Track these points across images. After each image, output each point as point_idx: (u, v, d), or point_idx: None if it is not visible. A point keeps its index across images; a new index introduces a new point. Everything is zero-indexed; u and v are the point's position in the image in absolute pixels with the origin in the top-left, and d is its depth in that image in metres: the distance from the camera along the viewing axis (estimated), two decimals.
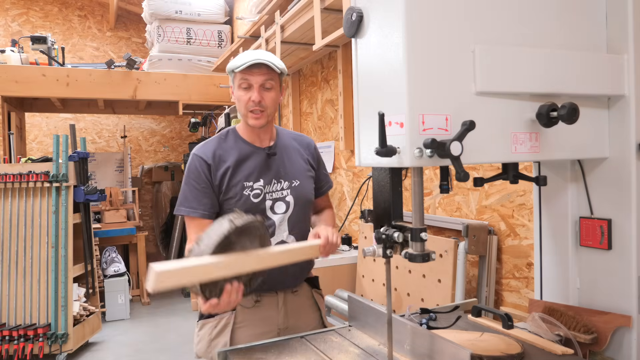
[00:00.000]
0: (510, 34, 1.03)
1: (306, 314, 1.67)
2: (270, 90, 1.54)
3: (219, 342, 1.56)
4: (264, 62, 1.49)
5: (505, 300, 1.95)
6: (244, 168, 1.57)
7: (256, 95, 1.51)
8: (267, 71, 1.51)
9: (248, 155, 1.59)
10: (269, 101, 1.53)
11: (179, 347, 3.97)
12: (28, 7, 6.65)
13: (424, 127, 0.92)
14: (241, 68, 1.49)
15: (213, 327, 1.59)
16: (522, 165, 1.73)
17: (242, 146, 1.60)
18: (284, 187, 1.60)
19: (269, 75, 1.52)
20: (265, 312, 1.59)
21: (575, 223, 1.27)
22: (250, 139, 1.61)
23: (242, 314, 1.58)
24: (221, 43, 5.56)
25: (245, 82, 1.52)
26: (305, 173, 1.66)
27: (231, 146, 1.59)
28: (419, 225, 0.99)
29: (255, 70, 1.50)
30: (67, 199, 3.72)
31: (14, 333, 3.43)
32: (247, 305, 1.58)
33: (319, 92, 3.59)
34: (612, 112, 1.18)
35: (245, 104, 1.53)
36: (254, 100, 1.51)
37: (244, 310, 1.58)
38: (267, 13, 3.39)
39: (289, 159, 1.64)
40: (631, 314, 1.14)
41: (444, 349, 1.04)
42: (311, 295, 1.72)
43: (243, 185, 1.55)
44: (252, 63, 1.49)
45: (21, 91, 4.65)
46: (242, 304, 1.57)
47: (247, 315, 1.58)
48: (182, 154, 7.08)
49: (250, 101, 1.52)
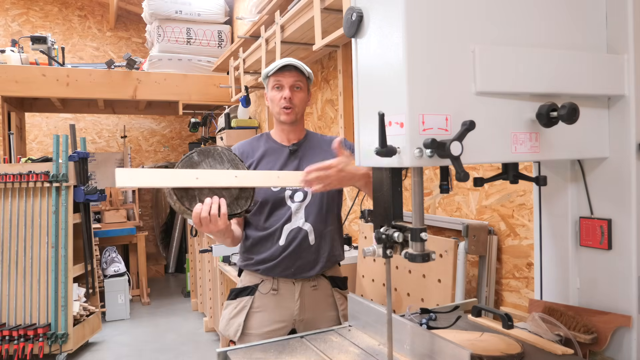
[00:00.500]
0: (511, 34, 1.03)
1: (323, 311, 1.76)
2: (300, 91, 1.74)
3: (235, 322, 1.73)
4: (294, 64, 1.71)
5: (505, 300, 1.95)
6: (267, 161, 1.75)
7: (287, 92, 1.70)
8: (297, 73, 1.72)
9: (272, 151, 1.78)
10: (298, 100, 1.73)
11: (179, 347, 3.97)
12: (28, 7, 6.65)
13: (424, 127, 0.92)
14: (274, 70, 1.71)
15: (233, 308, 1.75)
16: (522, 165, 1.73)
17: (270, 144, 1.80)
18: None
19: (299, 77, 1.73)
20: (282, 301, 1.72)
21: (575, 223, 1.27)
22: (279, 139, 1.81)
23: (259, 299, 1.73)
24: (221, 43, 5.56)
25: (278, 82, 1.72)
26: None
27: (260, 145, 1.80)
28: (419, 225, 0.99)
29: (286, 72, 1.71)
30: (67, 199, 3.72)
31: (14, 333, 3.43)
32: (265, 292, 1.73)
33: (319, 92, 3.59)
34: (612, 112, 1.18)
35: (278, 102, 1.72)
36: (285, 97, 1.70)
37: (262, 296, 1.73)
38: (267, 13, 3.39)
39: (312, 155, 1.77)
40: (631, 314, 1.14)
41: (444, 349, 1.04)
42: (331, 293, 1.80)
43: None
44: (284, 64, 1.70)
45: (21, 91, 4.65)
46: (260, 290, 1.72)
47: (265, 301, 1.72)
48: (182, 154, 7.06)
49: (282, 99, 1.71)
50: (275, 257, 1.71)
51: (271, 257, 1.71)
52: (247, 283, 1.77)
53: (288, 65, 1.70)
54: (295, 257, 1.71)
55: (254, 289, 1.75)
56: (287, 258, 1.71)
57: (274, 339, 1.37)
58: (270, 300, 1.72)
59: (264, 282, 1.74)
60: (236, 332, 1.71)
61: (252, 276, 1.78)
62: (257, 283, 1.75)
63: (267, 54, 3.33)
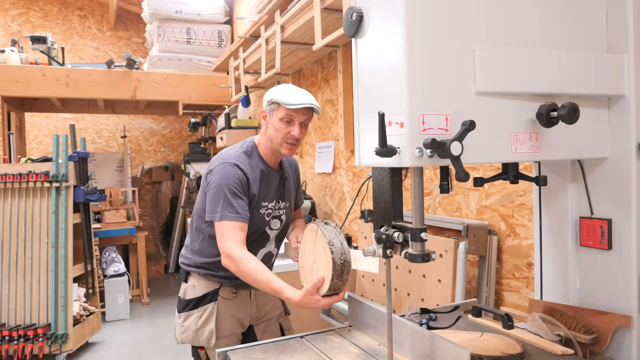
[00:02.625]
0: (511, 34, 1.03)
1: (272, 303, 1.91)
2: (306, 128, 1.71)
3: (205, 330, 1.75)
4: (313, 107, 1.66)
5: (505, 300, 1.95)
6: (263, 189, 1.74)
7: (297, 132, 1.66)
8: (309, 111, 1.68)
9: (268, 177, 1.76)
10: (302, 136, 1.70)
11: (178, 347, 3.97)
12: (28, 7, 6.65)
13: (424, 127, 0.92)
14: (293, 107, 1.62)
15: (198, 318, 1.76)
16: (522, 165, 1.73)
17: (264, 167, 1.76)
18: (281, 207, 1.81)
19: (309, 116, 1.69)
20: (241, 302, 1.82)
21: (575, 223, 1.27)
22: (268, 160, 1.77)
23: (222, 304, 1.78)
24: (221, 43, 5.55)
25: (290, 117, 1.65)
26: (293, 194, 1.89)
27: (256, 165, 1.74)
28: (419, 225, 0.99)
29: (300, 110, 1.65)
30: (67, 199, 3.72)
31: (13, 333, 3.43)
32: (227, 297, 1.78)
33: (319, 92, 3.59)
34: (612, 112, 1.18)
35: (284, 135, 1.67)
36: (293, 135, 1.66)
37: (224, 301, 1.78)
38: (267, 13, 3.38)
39: (289, 182, 1.85)
40: (631, 314, 1.14)
41: (444, 349, 1.04)
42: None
43: (261, 204, 1.73)
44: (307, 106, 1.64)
45: (21, 91, 4.65)
46: (222, 295, 1.79)
47: (227, 304, 1.78)
48: (182, 154, 7.08)
49: (290, 135, 1.66)
50: None
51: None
52: (204, 290, 1.78)
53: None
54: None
55: (215, 294, 1.77)
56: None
57: (274, 339, 1.37)
58: (232, 303, 1.80)
59: (224, 287, 1.78)
60: (209, 339, 1.73)
61: (209, 282, 1.79)
62: (216, 288, 1.78)
63: (267, 54, 3.33)
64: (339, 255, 1.33)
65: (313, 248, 1.44)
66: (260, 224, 1.74)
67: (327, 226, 1.41)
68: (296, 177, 1.95)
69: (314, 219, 1.51)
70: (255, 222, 1.71)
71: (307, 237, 1.50)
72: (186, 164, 5.19)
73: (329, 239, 1.35)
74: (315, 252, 1.42)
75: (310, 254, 1.46)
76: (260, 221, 1.74)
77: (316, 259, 1.42)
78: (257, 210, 1.71)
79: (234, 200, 1.62)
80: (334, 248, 1.34)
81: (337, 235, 1.38)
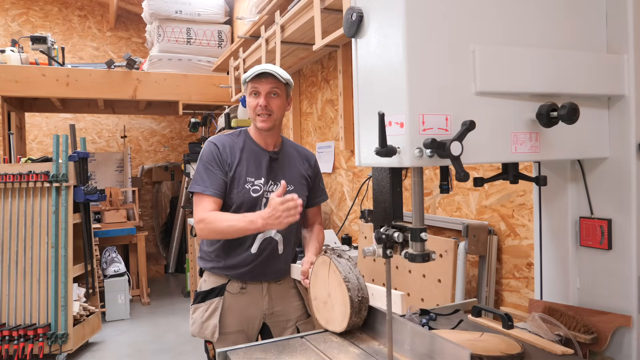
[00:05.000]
0: (510, 34, 1.03)
1: (290, 301, 1.85)
2: (276, 98, 1.74)
3: (209, 324, 1.75)
4: (270, 72, 1.70)
5: (505, 300, 1.95)
6: (249, 164, 1.76)
7: (263, 100, 1.71)
8: (273, 80, 1.72)
9: (254, 154, 1.78)
10: (275, 107, 1.73)
11: (179, 347, 3.97)
12: (28, 7, 6.65)
13: (424, 127, 0.92)
14: (250, 77, 1.72)
15: (204, 311, 1.78)
16: (522, 165, 1.73)
17: (251, 145, 1.79)
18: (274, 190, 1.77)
19: (275, 84, 1.72)
20: (251, 298, 1.78)
21: (575, 223, 1.27)
22: (258, 141, 1.80)
23: (229, 299, 1.77)
24: (221, 43, 5.55)
25: (255, 89, 1.73)
26: (300, 180, 1.85)
27: (241, 143, 1.79)
28: (419, 225, 0.99)
29: (263, 79, 1.72)
30: (67, 199, 3.72)
31: (14, 333, 3.43)
32: (234, 292, 1.77)
33: (319, 92, 3.59)
34: (612, 112, 1.18)
35: (254, 108, 1.74)
36: (260, 104, 1.71)
37: (231, 296, 1.77)
38: (267, 13, 3.38)
39: (289, 165, 1.84)
40: (631, 314, 1.14)
41: (444, 349, 1.04)
42: (294, 284, 1.88)
43: (246, 179, 1.74)
44: (259, 72, 1.70)
45: (21, 91, 4.65)
46: (229, 290, 1.78)
47: (234, 299, 1.77)
48: (182, 154, 7.08)
49: (258, 106, 1.72)
50: (246, 264, 1.76)
51: (242, 263, 1.76)
52: (213, 284, 1.80)
53: (265, 73, 1.70)
54: (265, 266, 1.77)
55: (222, 289, 1.78)
56: (258, 266, 1.76)
57: (274, 339, 1.37)
58: (240, 299, 1.78)
59: (232, 282, 1.78)
60: (213, 333, 1.75)
61: (218, 277, 1.81)
62: (224, 283, 1.79)
63: (267, 54, 3.33)
64: (356, 292, 1.30)
65: (326, 281, 1.41)
66: (248, 200, 1.72)
67: (340, 259, 1.37)
68: (311, 170, 1.92)
69: (326, 250, 1.46)
70: (240, 196, 1.72)
71: (318, 268, 1.46)
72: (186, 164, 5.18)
73: (344, 275, 1.31)
74: (330, 286, 1.39)
75: (324, 287, 1.43)
76: (246, 196, 1.72)
77: (330, 294, 1.39)
78: (242, 185, 1.72)
79: (205, 175, 1.71)
80: (350, 285, 1.30)
81: (352, 269, 1.34)
